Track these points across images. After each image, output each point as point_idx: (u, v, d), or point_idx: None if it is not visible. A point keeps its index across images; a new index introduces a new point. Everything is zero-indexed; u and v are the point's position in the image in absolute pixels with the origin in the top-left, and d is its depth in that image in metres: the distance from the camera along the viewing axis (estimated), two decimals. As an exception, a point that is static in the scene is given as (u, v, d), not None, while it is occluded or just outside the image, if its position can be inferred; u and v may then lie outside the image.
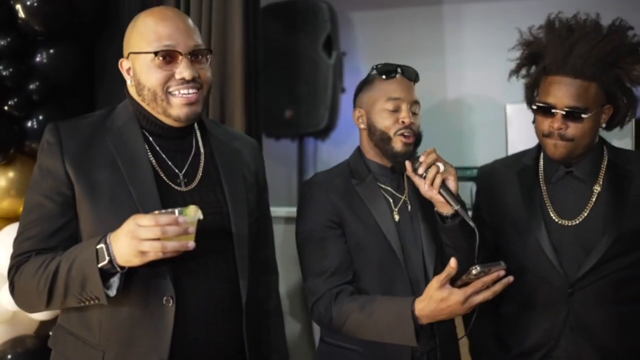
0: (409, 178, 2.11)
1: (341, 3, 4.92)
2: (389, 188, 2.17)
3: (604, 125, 2.20)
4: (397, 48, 4.68)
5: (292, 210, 2.36)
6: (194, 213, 1.63)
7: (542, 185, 2.25)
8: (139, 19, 1.86)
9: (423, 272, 2.10)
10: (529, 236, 2.20)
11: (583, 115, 2.07)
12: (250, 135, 2.50)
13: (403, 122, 2.07)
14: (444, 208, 2.01)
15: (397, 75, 2.12)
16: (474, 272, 1.76)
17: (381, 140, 2.11)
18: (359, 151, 2.23)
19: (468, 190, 3.08)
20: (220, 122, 2.59)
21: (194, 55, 1.82)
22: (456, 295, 1.78)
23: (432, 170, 1.98)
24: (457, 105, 4.41)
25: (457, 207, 1.98)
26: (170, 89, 1.80)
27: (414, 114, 2.12)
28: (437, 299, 1.81)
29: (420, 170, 2.00)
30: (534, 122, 2.22)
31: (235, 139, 2.09)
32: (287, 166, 4.11)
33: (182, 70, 1.78)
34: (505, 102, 3.22)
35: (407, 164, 2.04)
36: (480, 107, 3.92)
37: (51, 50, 2.73)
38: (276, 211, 2.61)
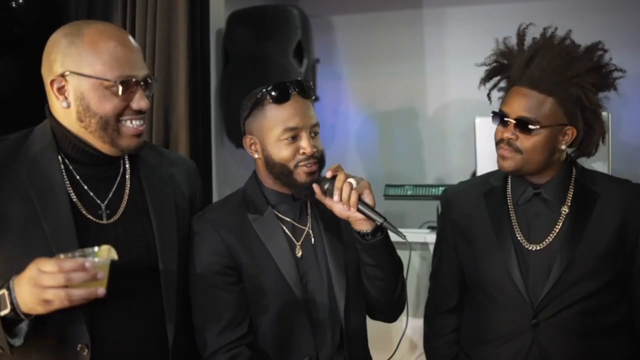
0: (311, 204, 2.00)
1: (319, 7, 4.86)
2: (289, 220, 2.00)
3: (563, 146, 2.09)
4: (376, 53, 4.72)
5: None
6: (106, 254, 1.50)
7: (510, 207, 2.15)
8: (86, 36, 1.69)
9: (329, 310, 1.96)
10: (497, 261, 2.09)
11: (531, 127, 1.99)
12: (198, 155, 2.40)
13: (304, 152, 1.89)
14: (363, 225, 1.89)
15: (292, 96, 1.91)
16: None
17: (281, 173, 1.92)
18: (255, 179, 2.03)
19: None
20: (164, 143, 2.50)
21: (146, 84, 1.72)
22: None
23: (346, 189, 1.84)
24: (439, 113, 4.33)
25: (381, 221, 1.85)
26: (123, 119, 1.70)
27: (315, 136, 1.94)
28: None
29: (336, 197, 1.85)
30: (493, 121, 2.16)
31: (169, 163, 1.96)
32: None
33: (139, 101, 1.70)
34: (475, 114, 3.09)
35: (315, 187, 1.90)
36: (463, 115, 3.81)
37: (-11, 64, 2.63)
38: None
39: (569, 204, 2.09)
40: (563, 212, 2.08)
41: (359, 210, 1.85)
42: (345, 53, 4.87)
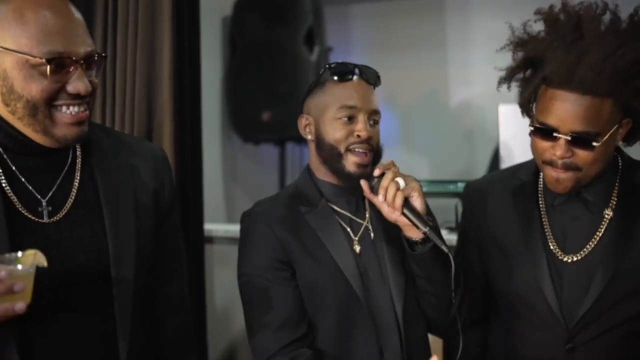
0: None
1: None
2: (346, 213, 1.88)
3: (620, 142, 1.82)
4: (395, 42, 4.54)
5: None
6: (30, 261, 1.29)
7: (542, 208, 1.89)
8: (12, 2, 1.45)
9: (392, 311, 1.82)
10: (526, 273, 1.85)
11: (594, 143, 1.69)
12: (186, 145, 2.22)
13: (358, 135, 1.77)
14: (412, 232, 1.74)
15: (355, 78, 1.83)
16: None
17: (330, 156, 1.82)
18: (308, 170, 1.93)
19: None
20: (147, 132, 2.33)
21: (88, 63, 1.48)
22: None
23: (391, 189, 1.70)
24: (462, 105, 4.21)
25: (425, 230, 1.69)
26: (57, 103, 1.46)
27: (373, 125, 1.83)
28: None
29: (380, 197, 1.71)
30: (531, 144, 1.83)
31: (130, 152, 1.73)
32: (268, 175, 3.89)
33: (77, 83, 1.45)
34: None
35: (363, 183, 1.77)
36: (487, 108, 3.66)
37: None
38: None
39: (614, 204, 1.83)
40: (606, 216, 1.82)
41: (403, 213, 1.72)
42: (362, 42, 4.74)
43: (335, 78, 1.82)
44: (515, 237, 1.89)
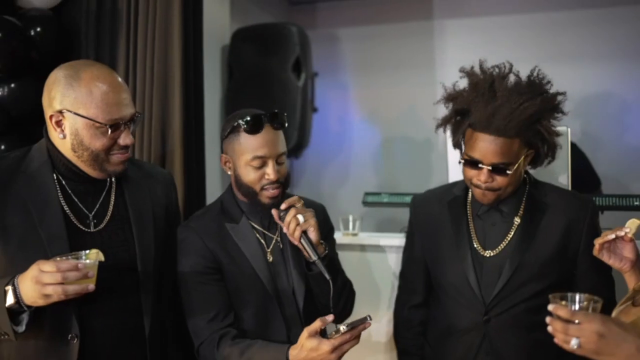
0: None
1: (327, 21, 5.12)
2: (261, 229, 2.20)
3: (527, 168, 2.30)
4: (379, 63, 5.00)
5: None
6: (94, 257, 1.77)
7: (469, 216, 2.35)
8: (83, 80, 1.90)
9: (296, 308, 2.17)
10: (456, 265, 2.30)
11: (508, 171, 2.15)
12: (192, 164, 2.66)
13: (268, 178, 2.08)
14: (308, 256, 2.09)
15: (264, 127, 2.08)
16: (342, 329, 1.86)
17: (247, 193, 2.13)
18: (231, 191, 2.24)
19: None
20: (162, 155, 2.76)
21: (131, 121, 1.98)
22: (325, 345, 1.85)
23: (292, 224, 2.04)
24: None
25: (314, 259, 2.04)
26: (112, 153, 1.96)
27: (280, 164, 2.12)
28: (307, 347, 1.87)
29: (284, 229, 2.07)
30: (459, 162, 2.28)
31: (148, 176, 2.21)
32: None
33: (125, 138, 1.96)
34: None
35: (274, 212, 2.10)
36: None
37: (11, 85, 2.94)
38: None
39: (521, 214, 2.29)
40: (516, 222, 2.28)
41: (300, 242, 2.05)
42: (351, 64, 5.16)
43: (248, 131, 2.06)
44: (449, 238, 2.34)
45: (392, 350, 2.62)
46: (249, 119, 2.07)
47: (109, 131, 1.92)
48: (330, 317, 1.90)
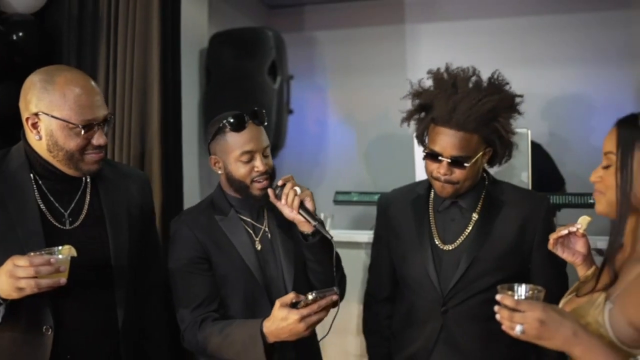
0: (268, 208, 2.33)
1: (305, 24, 5.22)
2: (249, 220, 2.33)
3: (485, 165, 2.41)
4: (354, 66, 5.11)
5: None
6: (67, 252, 1.87)
7: (430, 213, 2.47)
8: (57, 84, 1.99)
9: (284, 293, 2.24)
10: (417, 259, 2.42)
11: (466, 164, 2.27)
12: (170, 163, 2.77)
13: (258, 170, 2.22)
14: (305, 227, 2.23)
15: (247, 125, 2.22)
16: (310, 297, 1.98)
17: (239, 187, 2.26)
18: (220, 188, 2.37)
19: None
20: (141, 154, 2.87)
21: (104, 123, 2.08)
22: (293, 315, 1.96)
23: (290, 194, 2.19)
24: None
25: (315, 223, 2.18)
26: (86, 152, 2.06)
27: (267, 156, 2.27)
28: (278, 317, 1.99)
29: (283, 201, 2.21)
30: (424, 165, 2.40)
31: (123, 176, 2.31)
32: None
33: (99, 139, 2.06)
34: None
35: (270, 191, 2.24)
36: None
37: (-6, 89, 2.99)
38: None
39: (479, 210, 2.40)
40: (473, 218, 2.39)
41: (299, 212, 2.19)
42: (327, 66, 5.27)
43: (233, 129, 2.20)
44: (411, 234, 2.45)
45: (362, 342, 2.72)
46: (232, 118, 2.21)
47: (83, 132, 2.01)
48: (299, 295, 2.02)
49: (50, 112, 2.00)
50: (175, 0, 3.17)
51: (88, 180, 2.18)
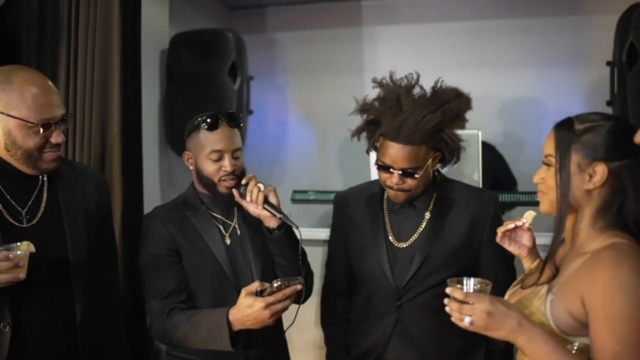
0: (238, 206, 2.40)
1: (265, 25, 5.26)
2: (220, 216, 2.42)
3: (434, 169, 2.50)
4: (315, 67, 5.17)
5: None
6: (25, 248, 1.91)
7: (385, 212, 2.55)
8: (14, 83, 2.02)
9: None
10: (372, 256, 2.50)
11: (416, 175, 2.35)
12: (130, 162, 2.82)
13: (225, 170, 2.31)
14: (271, 222, 2.32)
15: (221, 125, 2.31)
16: (275, 285, 2.05)
17: (207, 184, 2.36)
18: (193, 186, 2.46)
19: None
20: (102, 154, 2.90)
21: (62, 121, 2.11)
22: (259, 302, 2.02)
23: (255, 191, 2.29)
24: None
25: (280, 215, 2.28)
26: (44, 151, 2.09)
27: (236, 158, 2.34)
28: (244, 305, 2.05)
29: (248, 198, 2.30)
30: (378, 174, 2.47)
31: (80, 175, 2.35)
32: None
33: (57, 137, 2.09)
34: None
35: (235, 191, 2.33)
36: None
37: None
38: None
39: (432, 209, 2.49)
40: (426, 216, 2.48)
41: (264, 208, 2.29)
42: (287, 67, 5.32)
43: (206, 128, 2.30)
44: (367, 232, 2.54)
45: (320, 336, 2.78)
46: (208, 118, 2.30)
47: (41, 130, 2.04)
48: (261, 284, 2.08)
49: (8, 111, 2.03)
50: (135, 1, 3.19)
51: (45, 178, 2.21)
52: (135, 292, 2.98)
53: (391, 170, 2.36)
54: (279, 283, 2.05)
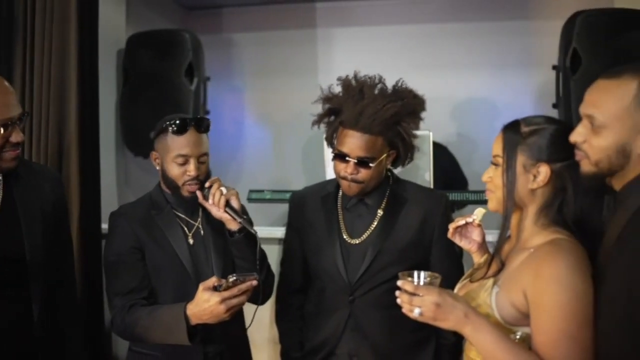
0: (202, 207, 2.43)
1: (223, 26, 5.28)
2: (184, 216, 2.45)
3: (389, 166, 2.56)
4: (271, 68, 5.21)
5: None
6: None
7: (339, 210, 2.61)
8: None
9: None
10: (326, 252, 2.55)
11: (371, 165, 2.40)
12: (87, 160, 2.83)
13: (189, 174, 2.33)
14: (232, 225, 2.35)
15: (189, 130, 2.32)
16: (230, 279, 2.10)
17: (171, 186, 2.38)
18: (159, 186, 2.48)
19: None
20: (59, 152, 2.91)
21: (20, 120, 2.14)
22: (215, 297, 2.08)
23: (217, 194, 2.32)
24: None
25: (240, 220, 2.31)
26: (4, 150, 2.11)
27: (202, 163, 2.37)
28: (201, 300, 2.10)
29: (210, 200, 2.33)
30: (333, 159, 2.52)
31: (36, 174, 2.37)
32: (153, 181, 4.35)
33: (16, 136, 2.12)
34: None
35: (198, 193, 2.37)
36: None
37: None
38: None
39: (384, 206, 2.55)
40: (379, 214, 2.53)
41: (226, 211, 2.32)
42: (244, 68, 5.37)
43: (174, 132, 2.31)
44: (322, 228, 2.58)
45: (275, 333, 2.83)
46: (176, 121, 2.32)
47: (2, 130, 2.06)
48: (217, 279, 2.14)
49: None
50: (92, 1, 3.20)
51: (0, 179, 2.22)
52: (92, 290, 3.00)
53: (347, 158, 2.40)
54: (234, 278, 2.10)
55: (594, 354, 1.71)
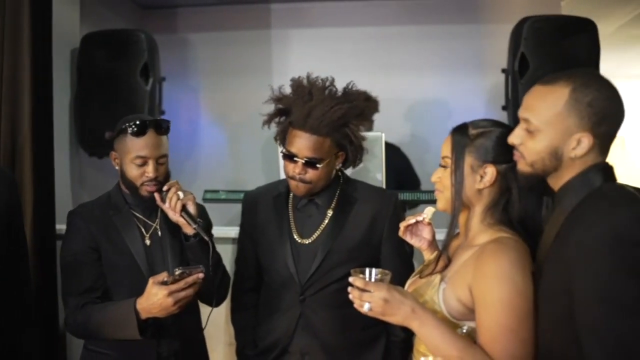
0: (161, 209, 2.45)
1: (178, 26, 5.27)
2: (142, 217, 2.48)
3: (339, 166, 2.60)
4: (226, 68, 5.25)
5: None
6: None
7: (290, 210, 2.64)
8: None
9: None
10: (278, 252, 2.58)
11: (318, 165, 2.44)
12: (40, 161, 2.86)
13: (148, 176, 2.36)
14: (187, 229, 2.38)
15: (148, 132, 2.35)
16: (177, 272, 2.16)
17: (130, 186, 2.42)
18: (118, 186, 2.51)
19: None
20: (12, 152, 2.91)
21: None
22: (162, 290, 2.14)
23: (174, 199, 2.35)
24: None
25: (194, 226, 2.34)
26: None
27: (160, 165, 2.40)
28: (150, 294, 2.17)
29: (167, 204, 2.36)
30: (283, 159, 2.55)
31: None
32: (109, 182, 4.33)
33: None
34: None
35: (156, 195, 2.39)
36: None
37: None
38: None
39: (334, 206, 2.59)
40: (329, 213, 2.56)
41: (181, 215, 2.35)
42: (200, 68, 5.37)
43: (133, 133, 2.33)
44: (273, 229, 2.61)
45: (231, 334, 2.85)
46: (136, 122, 2.34)
47: None
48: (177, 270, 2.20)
49: None
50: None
51: None
52: (46, 290, 3.00)
53: (295, 159, 2.43)
54: (180, 271, 2.17)
55: (534, 348, 1.79)
